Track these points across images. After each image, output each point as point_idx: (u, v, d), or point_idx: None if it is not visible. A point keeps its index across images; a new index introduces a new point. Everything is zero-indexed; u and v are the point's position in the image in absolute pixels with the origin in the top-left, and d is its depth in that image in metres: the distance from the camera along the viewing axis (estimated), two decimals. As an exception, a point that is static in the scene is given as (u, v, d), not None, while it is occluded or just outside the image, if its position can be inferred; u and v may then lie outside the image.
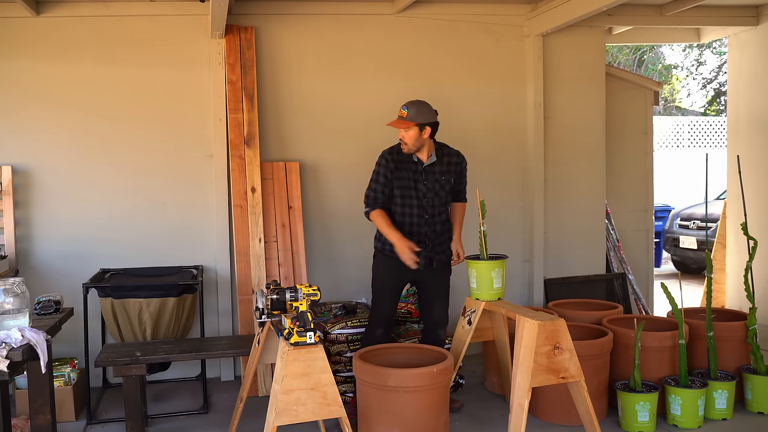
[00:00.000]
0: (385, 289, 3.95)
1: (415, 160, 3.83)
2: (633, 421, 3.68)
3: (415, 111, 3.73)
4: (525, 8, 5.24)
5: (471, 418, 3.99)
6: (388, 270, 3.92)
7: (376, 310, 3.98)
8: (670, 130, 14.53)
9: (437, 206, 3.87)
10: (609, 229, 5.76)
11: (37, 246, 4.53)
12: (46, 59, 4.52)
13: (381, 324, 3.96)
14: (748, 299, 4.12)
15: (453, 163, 3.91)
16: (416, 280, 4.00)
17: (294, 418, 2.82)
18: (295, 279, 4.65)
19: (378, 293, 3.98)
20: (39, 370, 2.81)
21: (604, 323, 4.12)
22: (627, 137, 5.96)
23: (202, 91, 4.70)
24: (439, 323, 3.99)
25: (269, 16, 4.82)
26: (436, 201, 3.86)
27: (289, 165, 4.78)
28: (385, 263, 3.92)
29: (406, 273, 3.87)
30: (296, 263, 4.68)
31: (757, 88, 6.01)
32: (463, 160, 3.97)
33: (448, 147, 3.96)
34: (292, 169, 4.79)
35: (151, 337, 4.09)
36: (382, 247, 3.93)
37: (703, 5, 5.48)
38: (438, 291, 3.98)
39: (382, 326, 3.96)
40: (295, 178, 4.77)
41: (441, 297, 3.99)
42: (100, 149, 4.61)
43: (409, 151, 3.79)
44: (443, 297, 4.00)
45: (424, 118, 3.73)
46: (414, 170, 3.83)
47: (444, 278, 4.00)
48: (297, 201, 4.76)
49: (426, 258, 3.85)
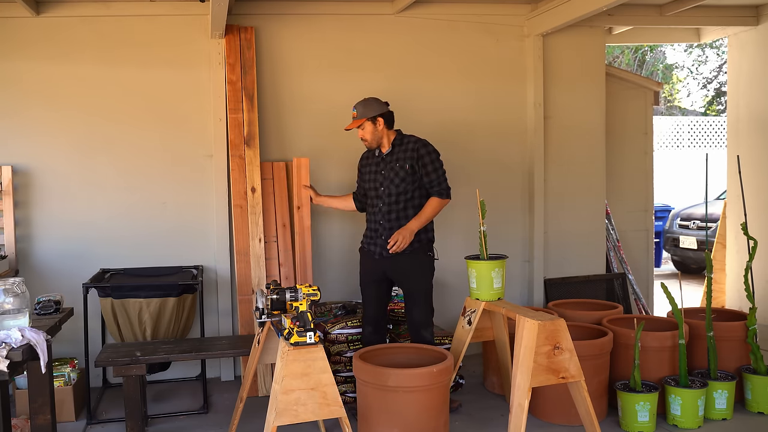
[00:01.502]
0: (365, 285, 4.06)
1: (377, 154, 4.00)
2: (633, 421, 3.68)
3: (363, 108, 3.91)
4: (525, 8, 5.24)
5: (471, 418, 3.99)
6: (363, 265, 4.07)
7: (363, 308, 4.10)
8: (670, 130, 14.53)
9: (393, 194, 3.86)
10: (609, 229, 5.76)
11: (37, 246, 4.53)
12: (46, 59, 4.52)
13: (369, 322, 4.04)
14: (748, 299, 4.12)
15: (410, 149, 3.86)
16: (392, 279, 3.97)
17: (294, 418, 2.82)
18: (300, 279, 4.63)
19: (361, 291, 4.10)
20: (39, 370, 2.81)
21: (604, 323, 4.12)
22: (627, 137, 5.96)
23: (202, 91, 4.70)
24: (420, 324, 3.91)
25: (269, 16, 4.82)
26: (392, 189, 3.86)
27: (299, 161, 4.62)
28: (361, 259, 4.09)
29: (377, 266, 3.94)
30: (301, 263, 4.62)
31: (757, 88, 6.01)
32: (423, 146, 3.86)
33: (411, 136, 3.95)
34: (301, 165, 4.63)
35: (151, 337, 4.09)
36: (360, 245, 4.10)
37: (703, 5, 5.48)
38: (411, 294, 3.91)
39: (370, 324, 4.03)
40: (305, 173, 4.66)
41: (415, 299, 3.90)
42: (100, 149, 4.61)
43: (370, 146, 3.97)
44: (418, 299, 3.90)
45: (373, 111, 3.88)
46: (376, 163, 4.00)
47: (417, 280, 3.89)
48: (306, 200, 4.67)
49: (380, 247, 3.89)
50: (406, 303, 3.99)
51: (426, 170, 3.85)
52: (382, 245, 3.89)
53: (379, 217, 3.92)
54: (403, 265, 3.88)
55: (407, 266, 3.88)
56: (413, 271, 3.89)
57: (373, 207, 3.97)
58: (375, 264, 3.96)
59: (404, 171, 3.86)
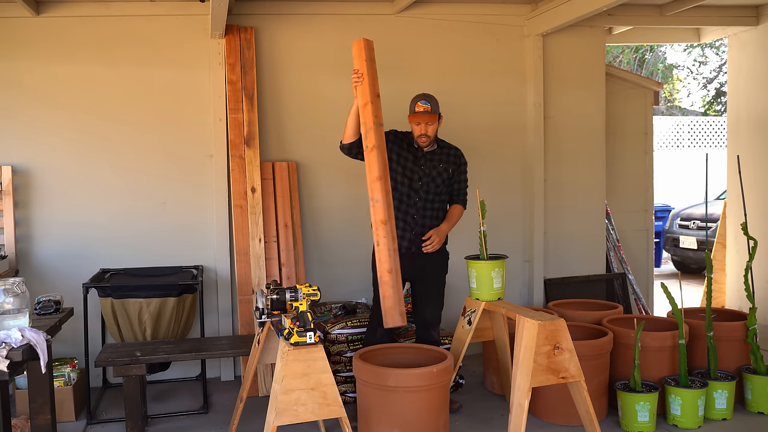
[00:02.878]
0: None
1: (416, 146, 3.91)
2: (633, 421, 3.68)
3: (433, 103, 3.85)
4: (525, 8, 5.24)
5: (471, 418, 3.99)
6: None
7: (375, 309, 3.94)
8: (670, 130, 14.53)
9: (430, 193, 3.87)
10: (609, 229, 5.76)
11: (37, 246, 4.53)
12: (46, 59, 4.52)
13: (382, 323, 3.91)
14: (748, 299, 4.12)
15: (452, 155, 3.97)
16: (410, 278, 3.93)
17: (294, 418, 2.82)
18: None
19: (376, 291, 3.95)
20: (39, 370, 2.81)
21: (604, 323, 4.12)
22: (627, 137, 5.96)
23: (202, 91, 4.70)
24: (431, 324, 3.94)
25: (269, 16, 4.82)
26: (431, 187, 3.87)
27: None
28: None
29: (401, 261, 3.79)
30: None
31: (757, 88, 6.01)
32: (462, 156, 4.00)
33: (447, 142, 4.04)
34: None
35: (151, 337, 4.09)
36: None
37: (703, 5, 5.48)
38: (428, 293, 3.93)
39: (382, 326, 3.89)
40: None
41: (431, 299, 3.93)
42: (100, 149, 4.61)
43: (426, 143, 3.86)
44: (434, 298, 3.94)
45: (438, 109, 3.87)
46: (414, 154, 3.91)
47: (438, 280, 3.95)
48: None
49: (409, 242, 3.83)
50: (418, 302, 3.96)
51: (459, 178, 3.98)
52: (411, 240, 3.85)
53: (414, 211, 3.87)
54: (427, 263, 3.90)
55: (431, 264, 3.92)
56: (435, 269, 3.95)
57: (407, 198, 3.85)
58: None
59: (447, 174, 3.91)
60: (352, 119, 3.74)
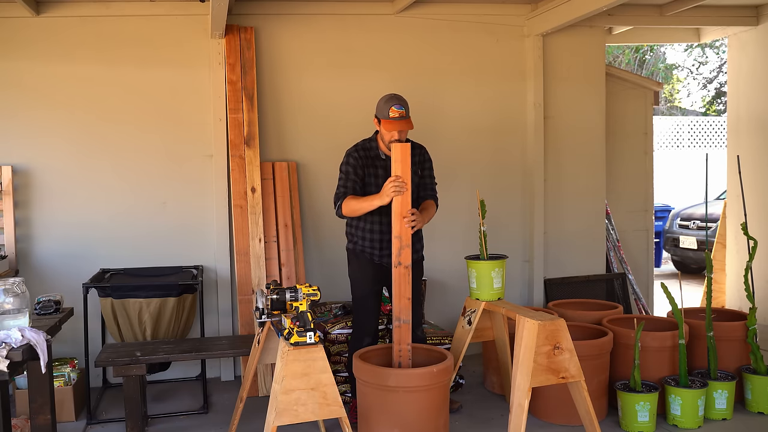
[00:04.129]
0: (367, 294, 3.80)
1: (383, 156, 3.71)
2: (633, 421, 3.68)
3: (407, 105, 3.61)
4: (525, 8, 5.24)
5: (471, 418, 3.99)
6: (364, 271, 3.79)
7: (361, 317, 3.81)
8: (670, 130, 14.53)
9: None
10: (609, 229, 5.76)
11: (37, 246, 4.53)
12: (46, 59, 4.52)
13: (369, 333, 3.80)
14: (748, 299, 4.12)
15: (416, 154, 3.72)
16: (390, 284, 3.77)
17: (294, 418, 2.82)
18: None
19: (360, 300, 3.82)
20: (39, 370, 2.81)
21: (604, 323, 4.12)
22: (627, 137, 5.96)
23: (202, 91, 4.70)
24: (416, 323, 3.81)
25: (269, 16, 4.82)
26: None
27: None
28: (361, 264, 3.80)
29: (382, 272, 3.75)
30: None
31: (757, 88, 6.01)
32: (427, 153, 3.83)
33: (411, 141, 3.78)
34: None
35: (151, 337, 4.09)
36: (353, 248, 3.82)
37: (703, 5, 5.48)
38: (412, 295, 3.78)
39: (369, 335, 3.80)
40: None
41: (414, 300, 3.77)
42: (100, 149, 4.61)
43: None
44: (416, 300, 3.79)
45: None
46: (382, 166, 3.70)
47: (417, 283, 3.82)
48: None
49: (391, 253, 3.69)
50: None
51: (428, 174, 3.83)
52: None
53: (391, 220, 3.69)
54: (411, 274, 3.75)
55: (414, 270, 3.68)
56: (417, 274, 3.79)
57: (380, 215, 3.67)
58: (381, 272, 3.77)
59: (417, 177, 3.73)
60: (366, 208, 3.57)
